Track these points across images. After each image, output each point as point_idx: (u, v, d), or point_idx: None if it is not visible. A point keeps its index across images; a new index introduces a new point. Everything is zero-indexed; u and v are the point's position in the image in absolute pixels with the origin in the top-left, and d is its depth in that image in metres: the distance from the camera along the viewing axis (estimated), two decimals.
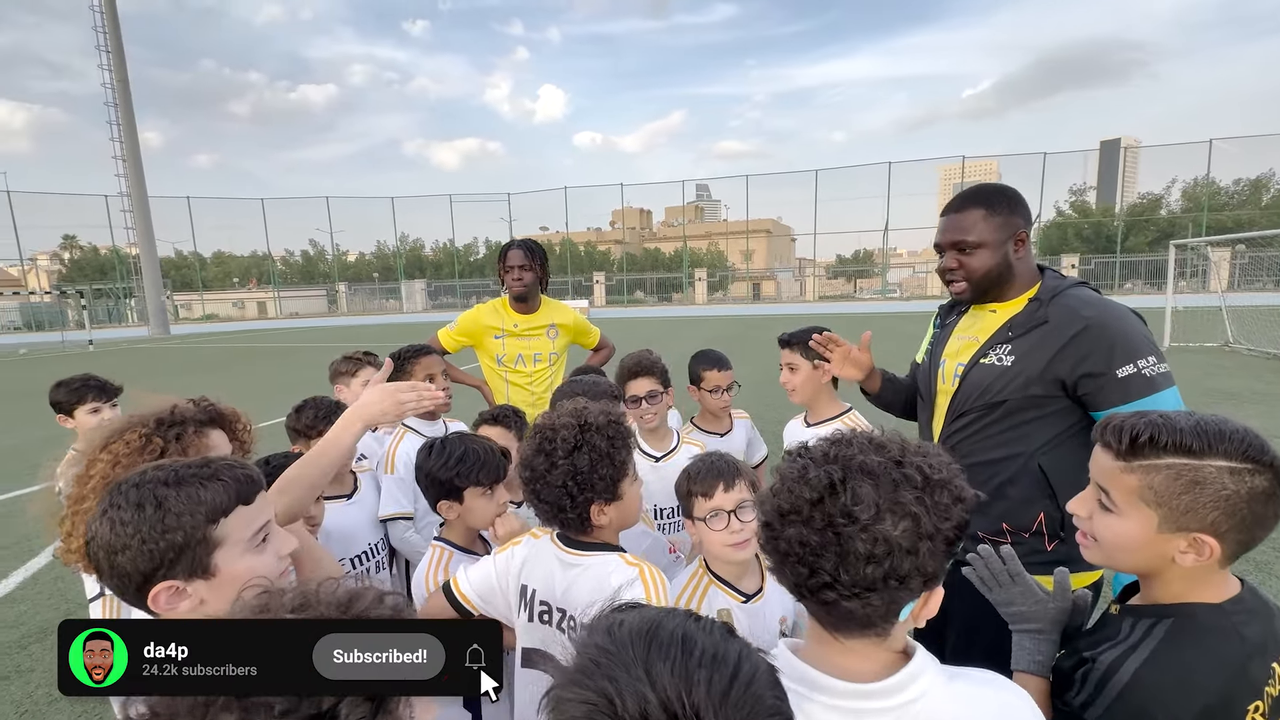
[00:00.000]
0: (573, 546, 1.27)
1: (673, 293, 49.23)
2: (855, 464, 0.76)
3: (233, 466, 0.98)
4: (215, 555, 0.92)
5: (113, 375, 2.72)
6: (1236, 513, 0.85)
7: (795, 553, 0.75)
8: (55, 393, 2.61)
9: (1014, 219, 1.56)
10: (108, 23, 29.40)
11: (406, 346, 2.41)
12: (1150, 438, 0.89)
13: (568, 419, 1.26)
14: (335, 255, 56.34)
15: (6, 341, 29.00)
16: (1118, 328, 1.44)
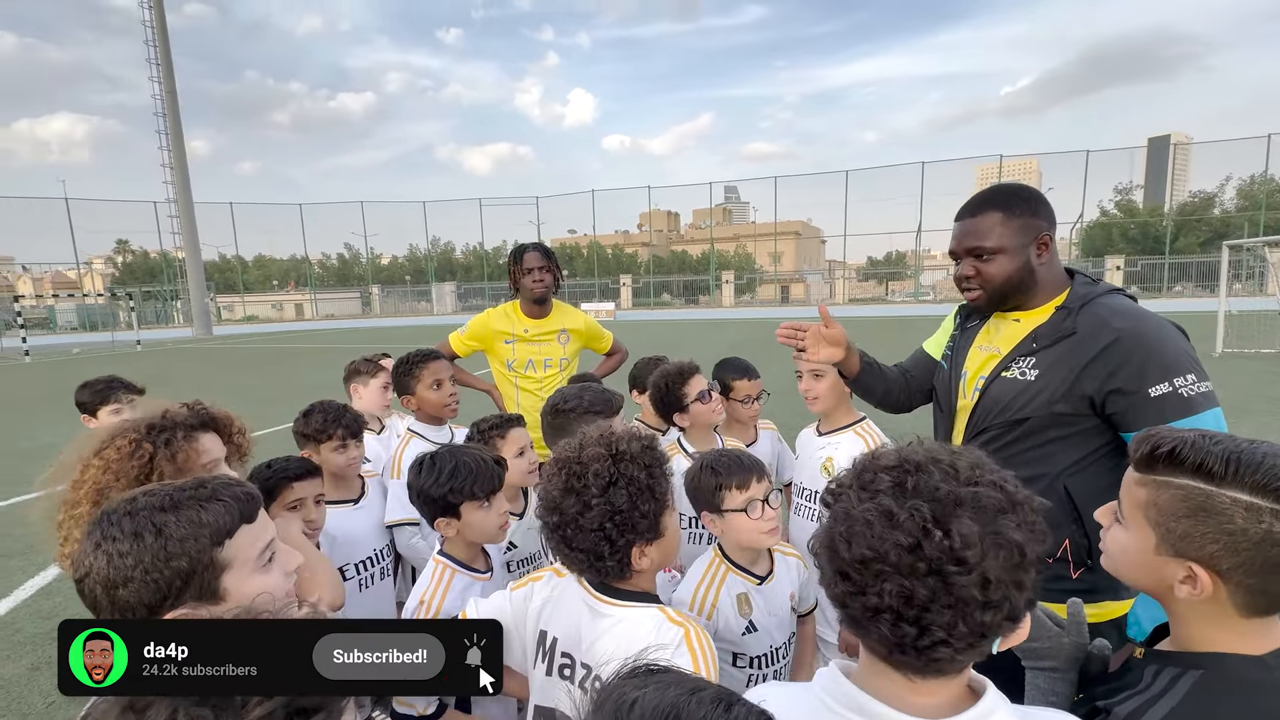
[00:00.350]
0: (606, 593, 1.11)
1: (700, 295, 48.98)
2: (944, 495, 0.67)
3: (230, 485, 0.94)
4: (224, 578, 0.88)
5: (156, 374, 2.86)
6: (1243, 553, 0.75)
7: (895, 608, 0.66)
8: (80, 394, 2.69)
9: (1035, 221, 1.45)
10: (157, 37, 30.76)
11: (414, 351, 2.40)
12: (1172, 452, 0.81)
13: (597, 449, 1.08)
14: (369, 258, 57.74)
15: (62, 341, 30.48)
16: (1153, 341, 1.32)
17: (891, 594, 0.65)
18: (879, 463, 0.73)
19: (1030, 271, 1.46)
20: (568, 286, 50.10)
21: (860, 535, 0.68)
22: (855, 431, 2.04)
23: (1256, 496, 0.75)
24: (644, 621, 1.07)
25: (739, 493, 1.49)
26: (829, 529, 0.73)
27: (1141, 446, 0.85)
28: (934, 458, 0.72)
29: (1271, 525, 0.74)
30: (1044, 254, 1.45)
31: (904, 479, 0.69)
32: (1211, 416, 1.29)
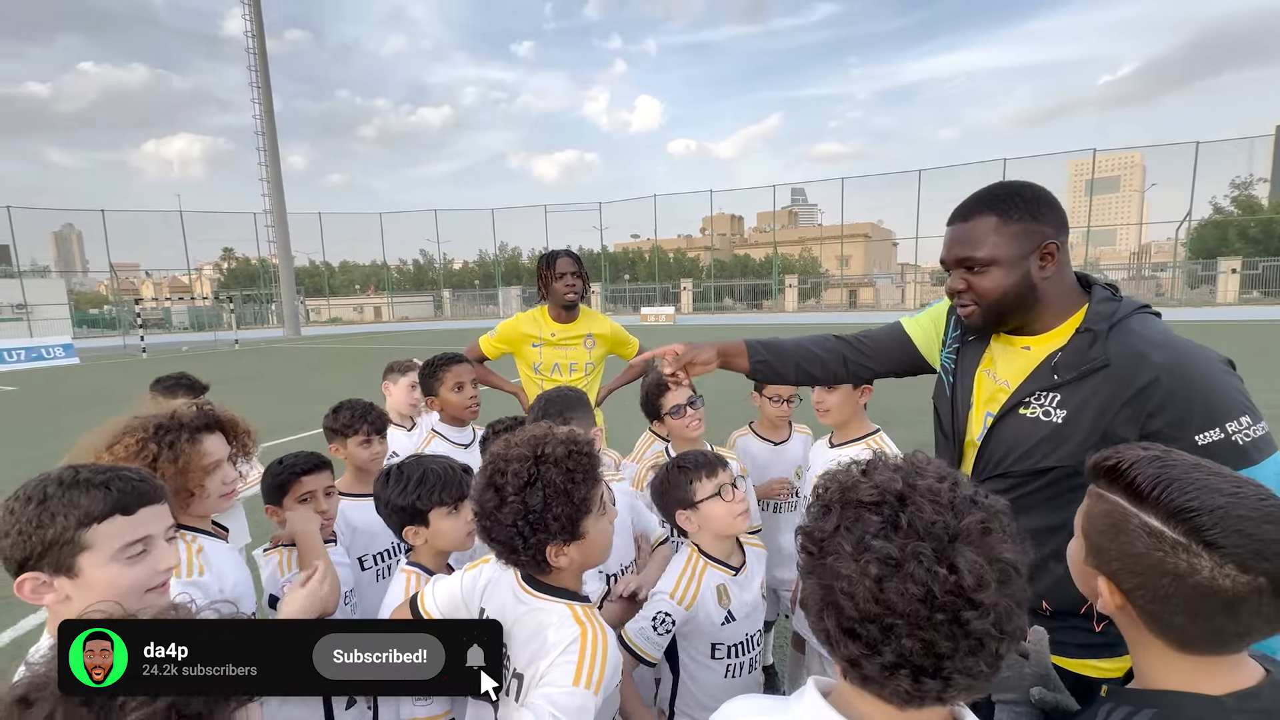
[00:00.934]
0: (530, 585, 1.18)
1: (762, 300, 48.15)
2: (940, 530, 0.63)
3: (128, 477, 1.01)
4: (80, 557, 0.96)
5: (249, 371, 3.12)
6: (1138, 576, 0.75)
7: (917, 664, 0.62)
8: (153, 387, 2.98)
9: (1037, 227, 1.21)
10: (258, 62, 33.64)
11: (439, 355, 2.50)
12: (1114, 466, 0.80)
13: (522, 449, 1.13)
14: (442, 263, 60.58)
15: (175, 340, 33.80)
16: (1202, 380, 1.11)
17: (912, 651, 0.61)
18: (856, 497, 0.67)
19: (1031, 287, 1.23)
20: (629, 291, 50.96)
21: (864, 590, 0.63)
22: (867, 444, 1.97)
23: (1165, 524, 0.73)
24: (551, 614, 1.12)
25: (709, 481, 1.57)
26: (824, 585, 0.66)
27: (1103, 458, 0.83)
28: (911, 483, 0.67)
29: (1166, 556, 0.72)
30: (1049, 266, 1.22)
31: (895, 516, 0.65)
32: (1272, 464, 1.08)
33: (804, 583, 0.71)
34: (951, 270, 1.31)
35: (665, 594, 1.54)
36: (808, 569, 0.70)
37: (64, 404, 11.40)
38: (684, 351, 1.59)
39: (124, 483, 1.00)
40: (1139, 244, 61.71)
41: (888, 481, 0.68)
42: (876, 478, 0.69)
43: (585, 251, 59.01)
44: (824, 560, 0.67)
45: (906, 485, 0.67)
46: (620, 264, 58.21)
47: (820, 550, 0.68)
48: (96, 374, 17.17)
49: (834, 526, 0.67)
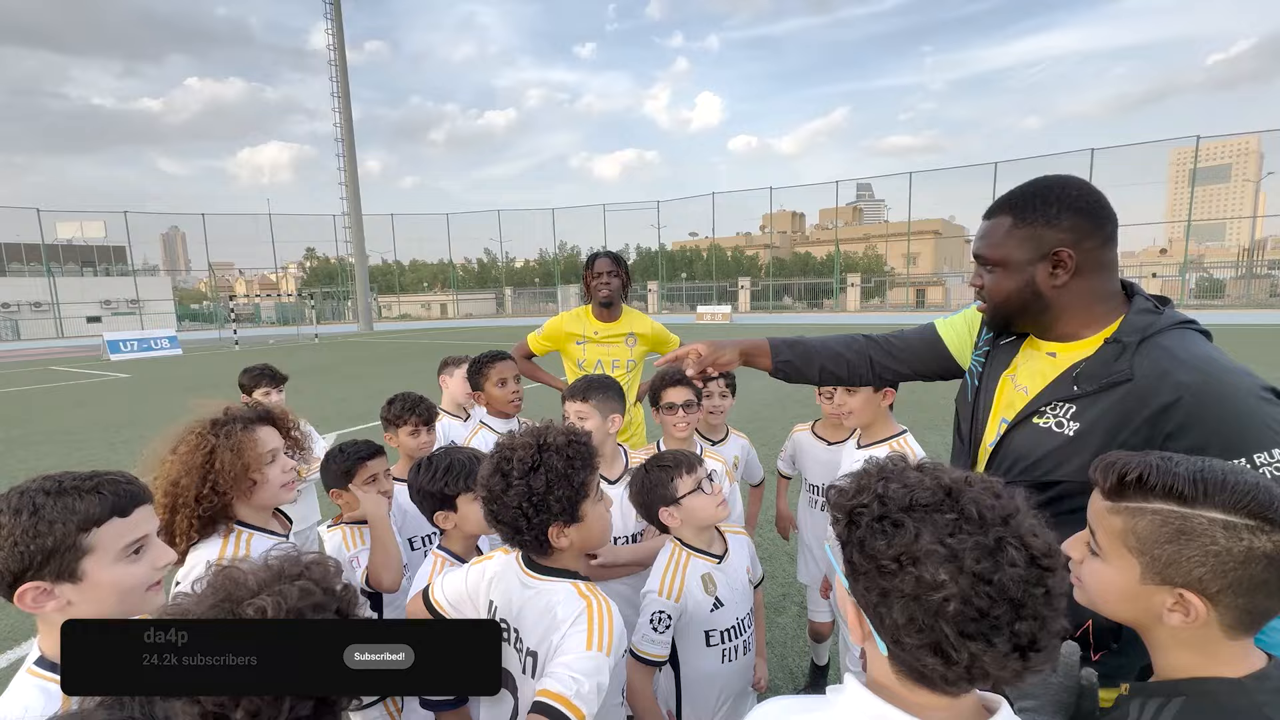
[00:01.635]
0: (531, 568, 1.27)
1: (823, 299, 46.89)
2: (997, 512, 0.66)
3: (116, 481, 1.04)
4: (84, 562, 0.98)
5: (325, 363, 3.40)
6: (1229, 574, 0.74)
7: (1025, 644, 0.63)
8: (241, 377, 3.30)
9: (1050, 233, 1.15)
10: (339, 74, 35.81)
11: (486, 352, 2.64)
12: (1140, 477, 0.79)
13: (526, 439, 1.24)
14: (504, 262, 62.48)
15: (263, 333, 36.53)
16: (1231, 404, 1.03)
17: (1026, 632, 0.63)
18: (912, 501, 0.68)
19: (1036, 294, 1.19)
20: (686, 289, 50.84)
21: (970, 587, 0.63)
22: (891, 446, 1.95)
23: (1233, 514, 0.74)
24: (556, 593, 1.21)
25: (689, 477, 1.64)
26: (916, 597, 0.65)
27: (1109, 474, 0.81)
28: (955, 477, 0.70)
29: (1252, 542, 0.73)
30: (1060, 274, 1.16)
31: (965, 509, 0.66)
32: None
33: (884, 604, 0.68)
34: (976, 265, 1.31)
35: (654, 593, 1.60)
36: (885, 589, 0.67)
37: (167, 391, 12.60)
38: (706, 353, 1.62)
39: (115, 485, 1.03)
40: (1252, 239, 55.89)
41: (932, 480, 0.69)
42: (909, 479, 0.70)
43: (643, 250, 59.37)
44: (910, 573, 0.65)
45: (949, 478, 0.69)
46: (678, 262, 58.13)
47: (899, 565, 0.66)
48: (196, 364, 18.82)
49: (914, 535, 0.66)
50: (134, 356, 21.54)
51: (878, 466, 0.75)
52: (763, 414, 7.82)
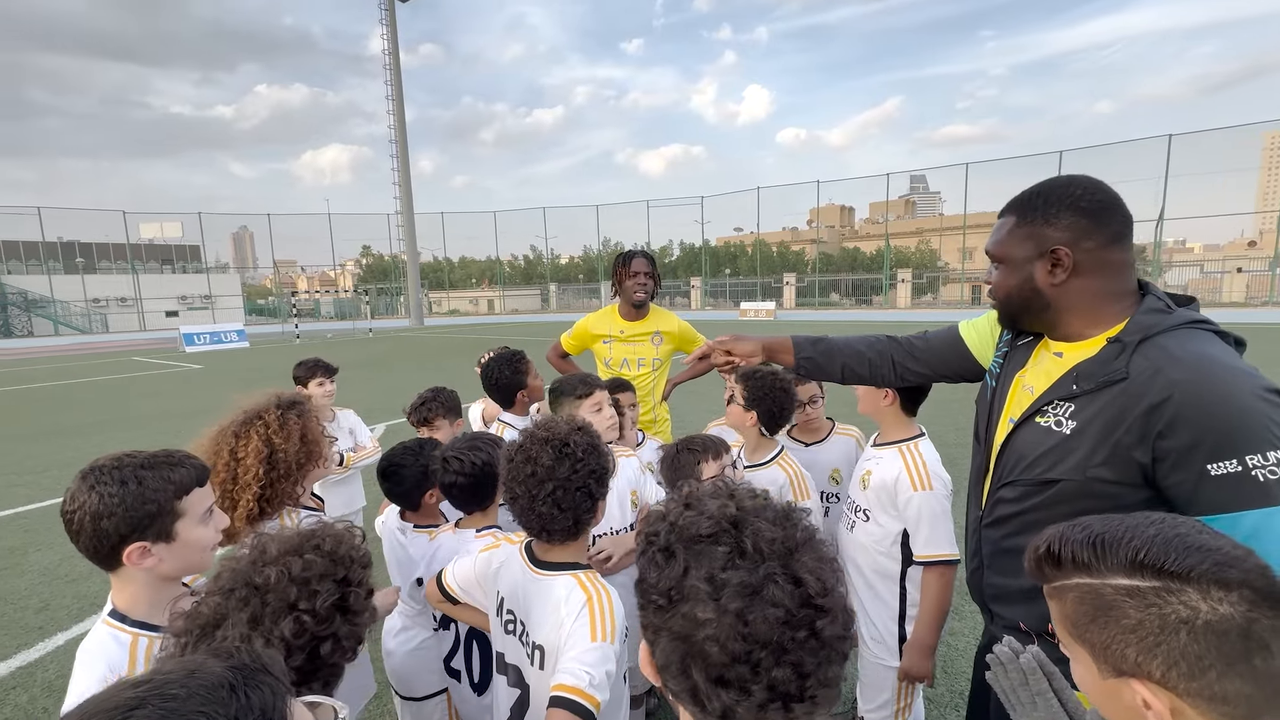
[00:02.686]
0: (536, 565, 1.33)
1: (873, 295, 45.52)
2: (780, 545, 0.63)
3: (190, 457, 1.22)
4: (178, 524, 1.15)
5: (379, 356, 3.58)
6: (1158, 651, 0.61)
7: (787, 692, 0.59)
8: (296, 369, 3.55)
9: (1047, 232, 1.16)
10: (393, 78, 37.09)
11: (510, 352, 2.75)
12: (1049, 550, 0.70)
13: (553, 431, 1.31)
14: (549, 259, 63.43)
15: (322, 328, 38.34)
16: (1224, 402, 0.99)
17: (784, 679, 0.59)
18: (694, 533, 0.65)
19: (1035, 292, 1.20)
20: (729, 285, 50.33)
21: (729, 629, 0.59)
22: (899, 449, 1.91)
23: (1134, 577, 0.63)
24: (558, 588, 1.27)
25: (714, 462, 1.71)
26: (683, 636, 0.62)
27: (1030, 555, 0.73)
28: (741, 506, 0.67)
29: (1161, 607, 0.61)
30: (1059, 273, 1.17)
31: (739, 543, 0.63)
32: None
33: (656, 642, 0.65)
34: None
35: None
36: (657, 625, 0.65)
37: (235, 382, 13.43)
38: (727, 340, 1.68)
39: (189, 459, 1.20)
40: None
41: (720, 509, 0.66)
42: (705, 508, 0.67)
43: (686, 246, 59.19)
44: (678, 610, 0.62)
45: (738, 509, 0.66)
46: (722, 258, 57.58)
47: (670, 600, 0.63)
48: (261, 356, 19.97)
49: (682, 569, 0.63)
50: (206, 349, 23.02)
51: (688, 492, 0.72)
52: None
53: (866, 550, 1.95)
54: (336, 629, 0.91)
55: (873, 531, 1.93)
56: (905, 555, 1.90)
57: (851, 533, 1.99)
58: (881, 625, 1.96)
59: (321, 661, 0.90)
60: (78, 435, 8.24)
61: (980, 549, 1.37)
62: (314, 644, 0.89)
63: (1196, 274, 41.68)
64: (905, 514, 1.85)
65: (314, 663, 0.89)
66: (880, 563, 1.94)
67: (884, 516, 1.91)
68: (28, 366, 18.50)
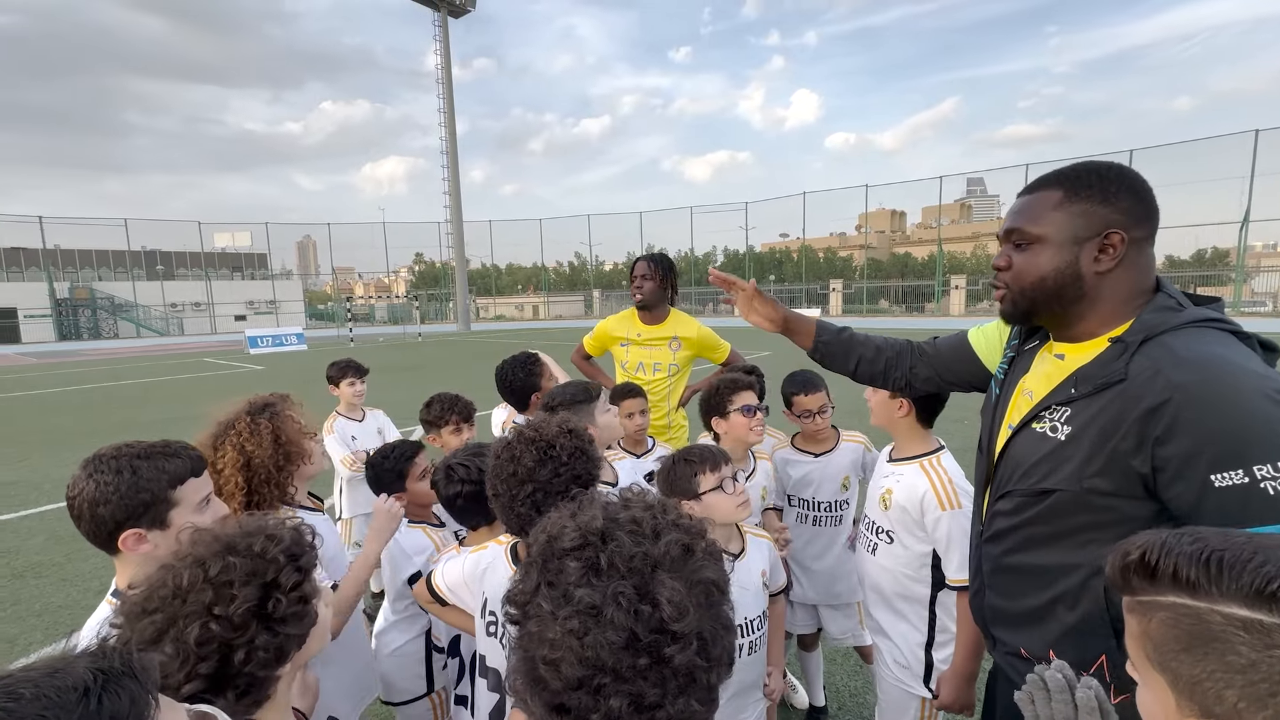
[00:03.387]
0: (518, 563, 1.31)
1: (924, 302, 43.94)
2: (640, 561, 0.59)
3: (187, 447, 1.26)
4: (172, 513, 1.18)
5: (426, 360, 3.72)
6: (1272, 697, 0.52)
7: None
8: (329, 369, 3.68)
9: (1106, 211, 1.04)
10: (444, 91, 38.44)
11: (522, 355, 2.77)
12: (1143, 557, 0.60)
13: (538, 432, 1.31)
14: (594, 265, 64.14)
15: (376, 331, 39.98)
16: (1231, 405, 0.89)
17: (621, 710, 0.56)
18: (560, 545, 0.62)
19: (1077, 278, 1.07)
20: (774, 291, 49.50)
21: (568, 652, 0.56)
22: (921, 465, 1.79)
23: (1255, 608, 0.52)
24: None
25: (713, 474, 1.65)
26: (527, 657, 0.59)
27: (1116, 559, 0.63)
28: (613, 517, 0.64)
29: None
30: (1106, 261, 1.05)
31: (595, 558, 0.60)
32: None
33: (511, 658, 0.62)
34: (1001, 245, 1.19)
35: None
36: (514, 643, 0.62)
37: (292, 382, 14.13)
38: (752, 287, 1.63)
39: (186, 450, 1.24)
40: None
41: (589, 521, 0.63)
42: (579, 519, 0.64)
43: (730, 252, 58.77)
44: (528, 628, 0.60)
45: (609, 520, 0.62)
46: (766, 264, 56.85)
47: (524, 615, 0.61)
48: (317, 358, 20.91)
49: (534, 585, 0.61)
50: (269, 351, 24.30)
51: (574, 504, 0.68)
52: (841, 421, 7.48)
53: (890, 573, 1.84)
54: (253, 636, 0.85)
55: (898, 554, 1.81)
56: (936, 579, 1.79)
57: (874, 555, 1.88)
58: (907, 650, 1.84)
59: (235, 670, 0.84)
60: (151, 430, 8.77)
61: (980, 567, 1.28)
62: (226, 652, 0.84)
63: None
64: (934, 535, 1.74)
65: (226, 670, 0.84)
66: (907, 586, 1.82)
67: (909, 538, 1.80)
68: (114, 366, 20.00)
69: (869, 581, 1.91)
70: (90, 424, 9.64)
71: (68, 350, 29.81)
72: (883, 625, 1.88)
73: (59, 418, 10.26)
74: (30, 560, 4.43)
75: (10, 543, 4.77)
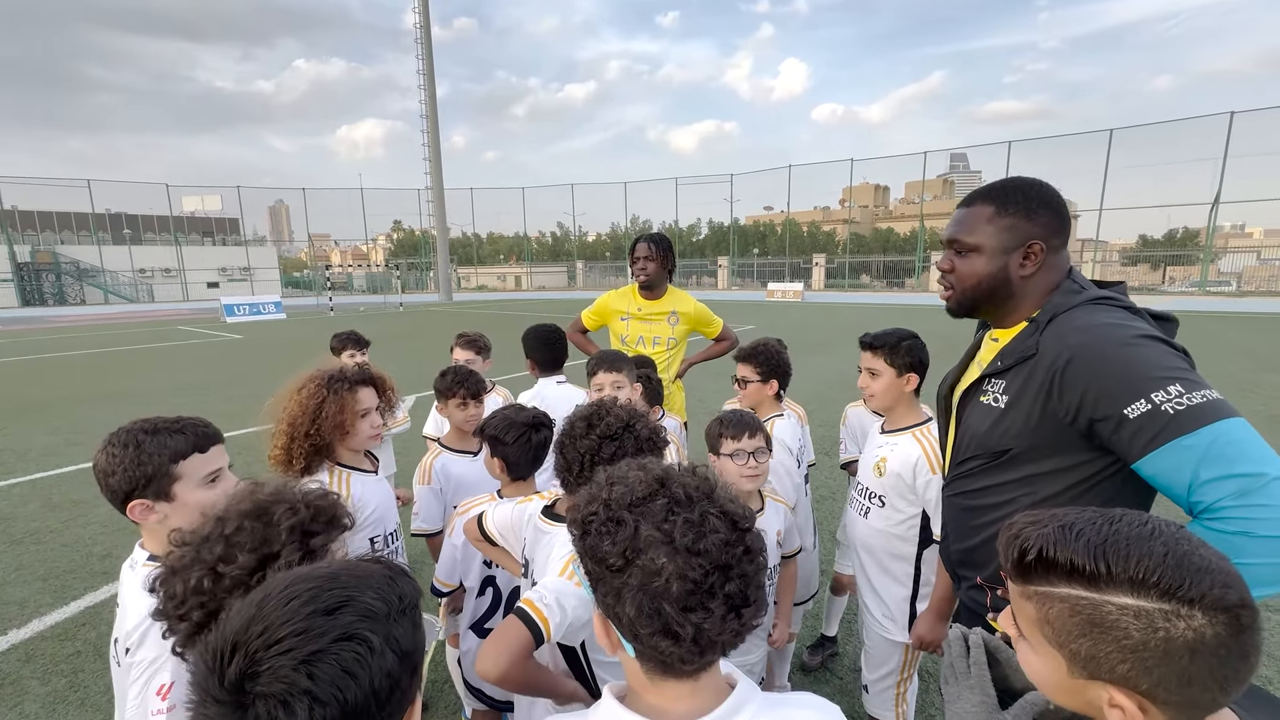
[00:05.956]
0: (548, 515, 1.46)
1: (905, 277, 44.48)
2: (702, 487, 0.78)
3: (197, 424, 1.30)
4: (175, 486, 1.24)
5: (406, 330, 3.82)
6: (1154, 670, 0.63)
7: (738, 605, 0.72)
8: (331, 341, 3.74)
9: (1028, 225, 1.26)
10: (424, 51, 37.07)
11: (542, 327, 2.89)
12: (1040, 553, 0.69)
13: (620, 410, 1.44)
14: (577, 236, 63.44)
15: (355, 300, 39.32)
16: (1114, 354, 1.10)
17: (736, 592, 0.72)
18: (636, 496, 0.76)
19: (1006, 281, 1.30)
20: (757, 265, 49.71)
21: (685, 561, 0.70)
22: (914, 435, 1.96)
23: (1141, 597, 0.63)
24: (558, 538, 1.38)
25: (732, 442, 1.86)
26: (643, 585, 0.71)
27: (1009, 550, 0.73)
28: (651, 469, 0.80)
29: (1169, 630, 0.61)
30: (1029, 265, 1.28)
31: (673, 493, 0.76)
32: (1227, 430, 1.00)
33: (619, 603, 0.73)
34: (946, 249, 1.40)
35: None
36: (618, 588, 0.73)
37: (273, 351, 13.95)
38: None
39: (195, 428, 1.28)
40: None
41: (644, 474, 0.79)
42: (629, 478, 0.78)
43: (715, 225, 58.52)
44: (635, 564, 0.72)
45: (661, 470, 0.79)
46: (750, 237, 56.78)
47: (626, 560, 0.72)
48: (297, 328, 20.60)
49: (633, 528, 0.73)
50: (246, 319, 23.82)
51: (606, 475, 0.82)
52: (825, 394, 7.73)
53: (881, 534, 2.01)
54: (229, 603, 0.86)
55: (890, 517, 1.98)
56: (923, 538, 1.96)
57: (866, 519, 2.05)
58: (893, 604, 2.03)
59: None
60: (131, 401, 8.71)
61: (946, 518, 1.51)
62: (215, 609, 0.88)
63: (1253, 260, 39.45)
64: (925, 496, 1.91)
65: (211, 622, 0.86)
66: (896, 546, 2.00)
67: (901, 502, 1.96)
68: (82, 333, 19.47)
69: (860, 543, 2.09)
70: (74, 391, 9.49)
71: (33, 316, 28.87)
72: (873, 583, 2.06)
73: (32, 387, 10.04)
74: (28, 527, 4.45)
75: (3, 509, 4.78)
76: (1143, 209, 42.07)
